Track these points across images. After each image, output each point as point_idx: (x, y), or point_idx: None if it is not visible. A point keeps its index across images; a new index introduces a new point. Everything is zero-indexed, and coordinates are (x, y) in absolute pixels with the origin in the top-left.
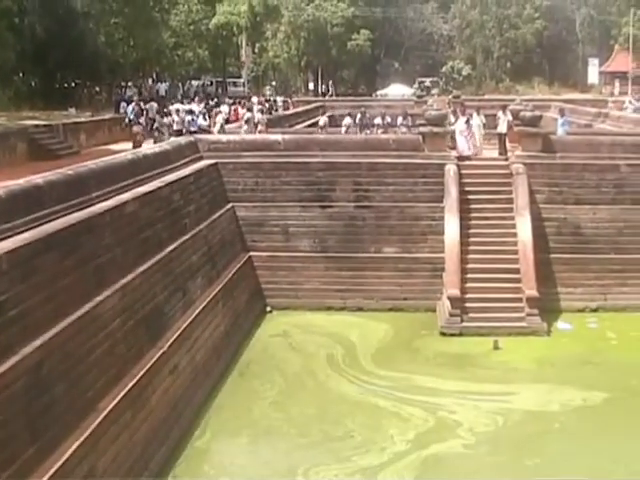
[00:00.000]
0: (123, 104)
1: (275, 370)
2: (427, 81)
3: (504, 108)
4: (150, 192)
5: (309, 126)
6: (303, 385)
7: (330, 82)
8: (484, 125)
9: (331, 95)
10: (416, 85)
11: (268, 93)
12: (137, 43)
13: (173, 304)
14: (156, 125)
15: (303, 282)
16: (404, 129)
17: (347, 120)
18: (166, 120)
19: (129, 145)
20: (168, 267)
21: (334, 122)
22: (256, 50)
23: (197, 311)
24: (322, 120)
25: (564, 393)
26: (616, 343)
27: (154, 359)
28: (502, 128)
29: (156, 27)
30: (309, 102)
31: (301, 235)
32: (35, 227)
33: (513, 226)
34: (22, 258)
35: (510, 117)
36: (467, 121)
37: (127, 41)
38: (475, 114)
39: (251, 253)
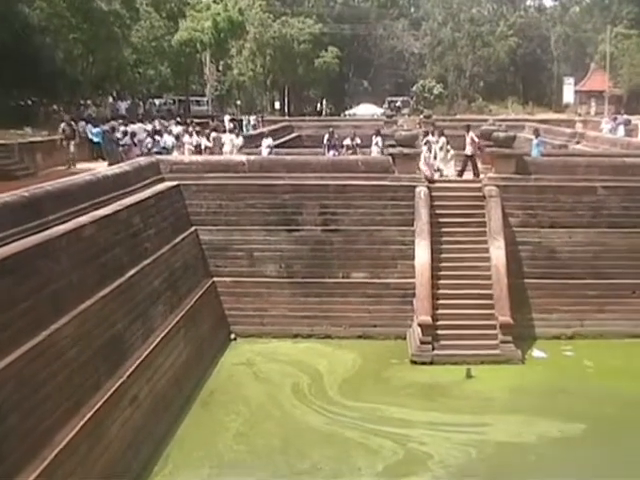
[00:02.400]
0: (82, 123)
1: (239, 400)
2: (398, 101)
3: (468, 128)
4: (109, 215)
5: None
6: (268, 416)
7: (324, 102)
8: (447, 146)
9: (324, 114)
10: (386, 105)
11: (227, 116)
12: (97, 59)
13: (133, 331)
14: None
15: (269, 309)
16: (376, 149)
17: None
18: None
19: (89, 165)
20: (128, 293)
21: (301, 143)
22: (220, 68)
23: (158, 339)
24: (265, 143)
25: (540, 424)
26: (593, 371)
27: (113, 389)
28: (468, 150)
29: (117, 43)
30: (275, 122)
31: (266, 260)
32: None
33: (486, 250)
34: None
35: (471, 137)
36: (426, 142)
37: (86, 57)
38: (435, 136)
39: (215, 278)
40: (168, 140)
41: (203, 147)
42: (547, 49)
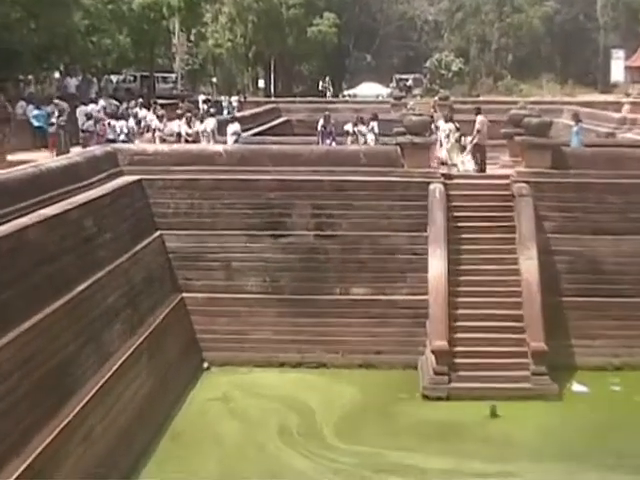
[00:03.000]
0: (22, 103)
1: (213, 442)
2: (408, 79)
3: (477, 111)
4: (55, 216)
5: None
6: (247, 461)
7: (327, 79)
8: (456, 134)
9: (329, 95)
10: (394, 83)
11: (201, 96)
12: (40, 26)
13: (85, 357)
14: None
15: (250, 331)
16: (371, 137)
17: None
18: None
19: (28, 156)
20: (78, 311)
21: (290, 129)
22: (192, 37)
23: (116, 366)
24: (231, 129)
25: (581, 475)
26: None
27: (62, 424)
28: (476, 137)
29: (65, 6)
30: (259, 103)
31: (247, 272)
32: None
33: (515, 261)
34: None
35: (480, 121)
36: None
37: (27, 23)
38: (442, 120)
39: (184, 294)
40: (123, 125)
41: (184, 134)
42: (592, 15)
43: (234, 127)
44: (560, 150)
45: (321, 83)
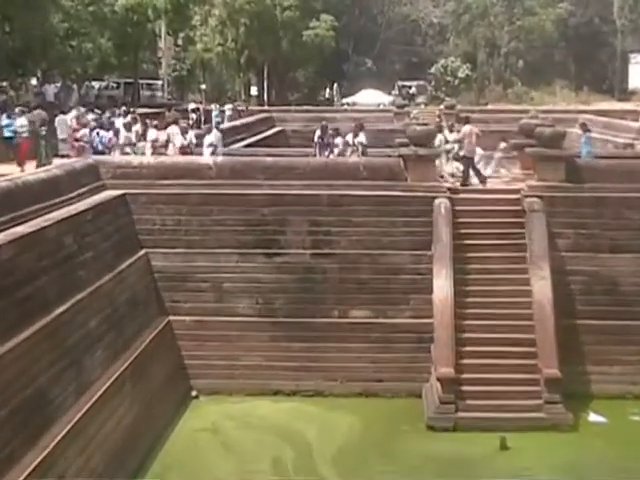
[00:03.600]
0: None
1: (202, 478)
2: (412, 86)
3: (466, 120)
4: (32, 233)
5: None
6: None
7: (336, 87)
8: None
9: (336, 103)
10: (396, 91)
11: (192, 105)
12: (15, 29)
13: (63, 386)
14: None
15: (241, 357)
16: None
17: None
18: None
19: (5, 168)
20: (56, 336)
21: (285, 140)
22: (179, 41)
23: (96, 396)
24: (207, 140)
25: None
26: None
27: (34, 464)
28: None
29: (42, 8)
30: (252, 112)
31: (239, 293)
32: None
33: (526, 282)
34: None
35: (464, 132)
36: None
37: (1, 26)
38: (447, 131)
39: (171, 317)
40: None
41: (178, 145)
42: (608, 18)
43: (211, 138)
44: (574, 162)
45: (328, 90)
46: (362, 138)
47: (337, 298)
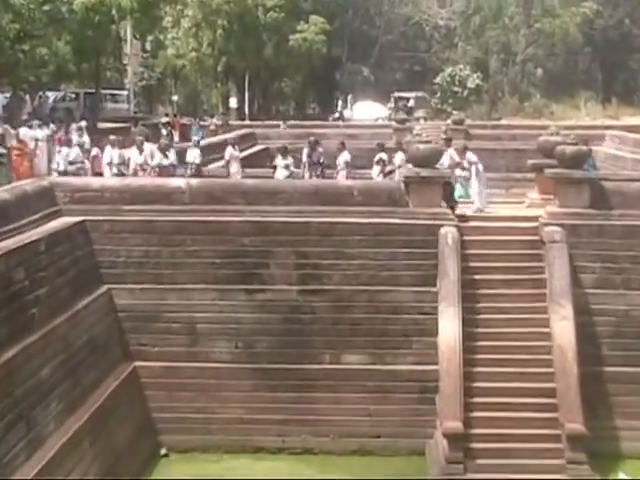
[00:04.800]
0: None
1: None
2: (409, 98)
3: (447, 144)
4: None
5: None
6: None
7: (350, 98)
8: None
9: (338, 118)
10: (391, 103)
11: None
12: None
13: (11, 444)
14: None
15: (218, 409)
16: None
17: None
18: None
19: None
20: (3, 386)
21: (269, 159)
22: (148, 46)
23: (50, 454)
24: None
25: None
26: None
27: None
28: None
29: None
30: (231, 128)
31: (216, 335)
32: None
33: (545, 323)
34: None
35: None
36: None
37: None
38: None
39: (137, 363)
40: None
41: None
42: None
43: (171, 156)
44: (601, 186)
45: (340, 103)
46: (346, 157)
47: (328, 341)
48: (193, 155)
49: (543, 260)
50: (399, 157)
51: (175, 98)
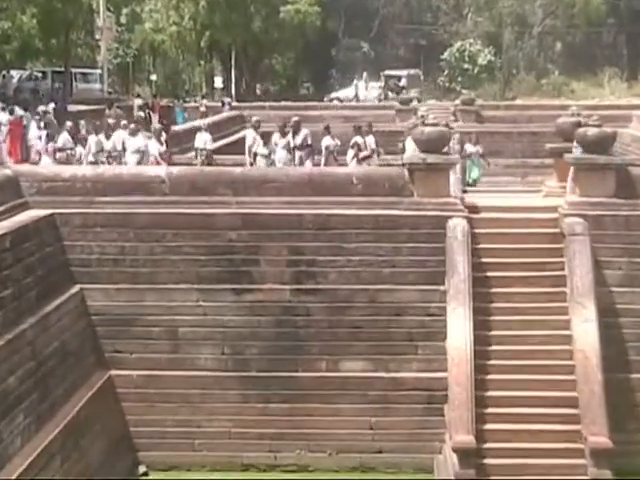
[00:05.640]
0: None
1: None
2: (401, 76)
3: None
4: None
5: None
6: None
7: (365, 75)
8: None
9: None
10: (381, 82)
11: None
12: None
13: None
14: None
15: (203, 422)
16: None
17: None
18: None
19: None
20: None
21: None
22: (123, 20)
23: (17, 473)
24: (134, 144)
25: None
26: None
27: None
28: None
29: None
30: (215, 110)
31: (200, 340)
32: None
33: (566, 325)
34: None
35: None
36: None
37: None
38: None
39: (113, 372)
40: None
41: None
42: None
43: (137, 142)
44: (627, 172)
45: (355, 82)
46: (327, 142)
47: (325, 346)
48: (203, 140)
49: (563, 255)
50: (359, 139)
51: (154, 77)
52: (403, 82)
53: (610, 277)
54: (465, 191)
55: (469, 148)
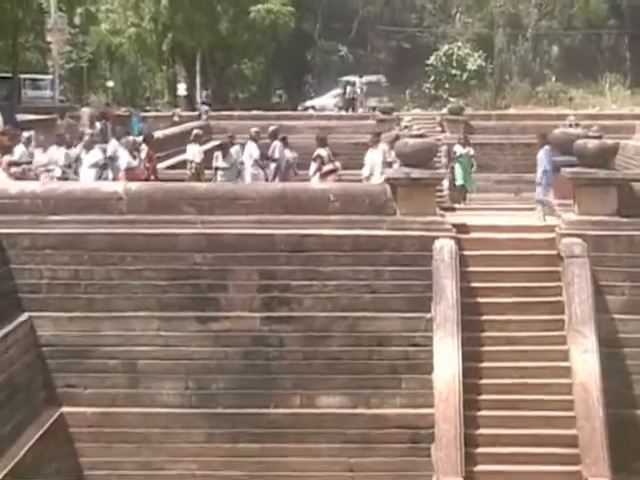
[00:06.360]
0: None
1: None
2: (357, 82)
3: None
4: None
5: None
6: None
7: (359, 80)
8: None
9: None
10: (340, 88)
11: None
12: None
13: None
14: None
15: (165, 464)
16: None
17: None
18: None
19: None
20: None
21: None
22: (77, 21)
23: None
24: (90, 158)
25: None
26: None
27: None
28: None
29: None
30: (175, 120)
31: (162, 374)
32: None
33: (564, 356)
34: None
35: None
36: None
37: None
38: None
39: (65, 409)
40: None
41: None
42: None
43: (94, 156)
44: (631, 188)
45: (348, 88)
46: (287, 154)
47: (299, 380)
48: (192, 152)
49: (561, 279)
50: (323, 152)
51: (110, 84)
52: (358, 88)
53: (612, 303)
54: (453, 209)
55: (459, 150)
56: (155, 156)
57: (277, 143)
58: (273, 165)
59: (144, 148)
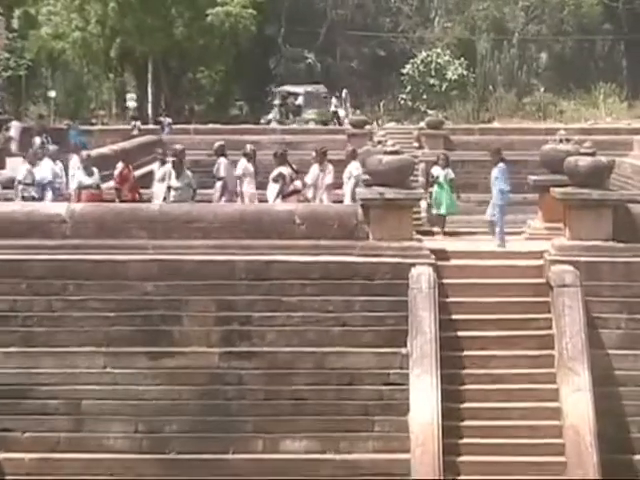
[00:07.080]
0: None
1: None
2: (298, 94)
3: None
4: None
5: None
6: None
7: (345, 93)
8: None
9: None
10: (277, 100)
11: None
12: None
13: None
14: None
15: None
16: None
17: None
18: None
19: None
20: None
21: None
22: (15, 24)
23: None
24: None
25: None
26: None
27: None
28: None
29: None
30: (134, 134)
31: (108, 415)
32: None
33: (554, 395)
34: None
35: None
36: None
37: None
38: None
39: (2, 455)
40: None
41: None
42: None
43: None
44: (627, 210)
45: (334, 101)
46: (239, 170)
47: (262, 422)
48: (163, 171)
49: (550, 311)
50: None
51: (52, 94)
52: (299, 100)
53: (607, 337)
54: (432, 232)
55: (436, 171)
56: (133, 174)
57: (223, 160)
58: (219, 184)
59: (119, 165)
